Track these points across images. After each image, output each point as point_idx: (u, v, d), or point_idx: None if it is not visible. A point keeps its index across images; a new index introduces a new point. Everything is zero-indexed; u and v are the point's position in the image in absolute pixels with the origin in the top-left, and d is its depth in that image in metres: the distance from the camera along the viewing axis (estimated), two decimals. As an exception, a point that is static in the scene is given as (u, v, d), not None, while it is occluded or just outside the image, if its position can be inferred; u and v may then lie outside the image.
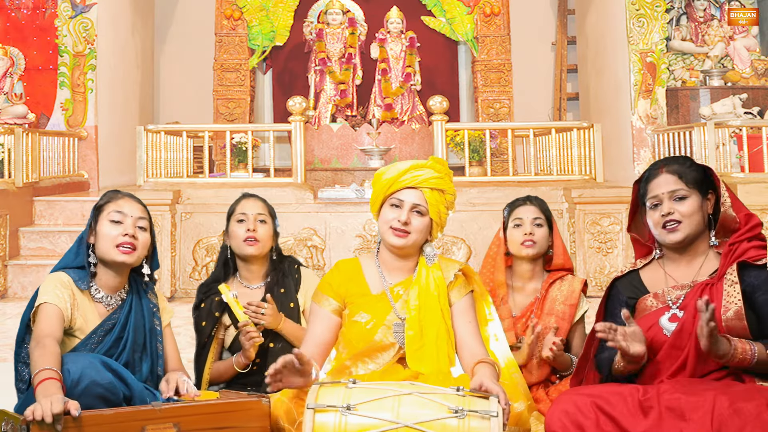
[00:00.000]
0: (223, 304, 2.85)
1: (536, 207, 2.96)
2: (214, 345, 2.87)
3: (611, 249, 6.37)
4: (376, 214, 2.45)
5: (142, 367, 2.43)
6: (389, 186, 2.37)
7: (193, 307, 2.94)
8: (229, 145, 7.26)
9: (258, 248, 2.87)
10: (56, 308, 2.30)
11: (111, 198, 2.48)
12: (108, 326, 2.39)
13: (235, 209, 2.94)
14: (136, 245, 2.41)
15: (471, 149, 7.74)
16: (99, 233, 2.42)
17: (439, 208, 2.38)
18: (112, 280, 2.45)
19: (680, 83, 8.27)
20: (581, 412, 2.10)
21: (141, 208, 2.49)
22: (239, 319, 2.72)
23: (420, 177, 2.36)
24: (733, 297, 2.19)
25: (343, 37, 9.31)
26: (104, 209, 2.45)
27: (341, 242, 6.47)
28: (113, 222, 2.42)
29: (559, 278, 2.94)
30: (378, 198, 2.42)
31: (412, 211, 2.35)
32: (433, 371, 2.28)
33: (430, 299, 2.35)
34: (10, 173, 6.66)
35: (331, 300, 2.42)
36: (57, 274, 2.41)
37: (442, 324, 2.33)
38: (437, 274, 2.39)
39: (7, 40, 8.17)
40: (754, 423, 1.94)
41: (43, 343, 2.17)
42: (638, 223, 2.47)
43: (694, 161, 2.37)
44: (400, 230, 2.34)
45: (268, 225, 2.91)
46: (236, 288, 2.92)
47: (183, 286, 6.49)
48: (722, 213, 2.30)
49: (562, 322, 2.86)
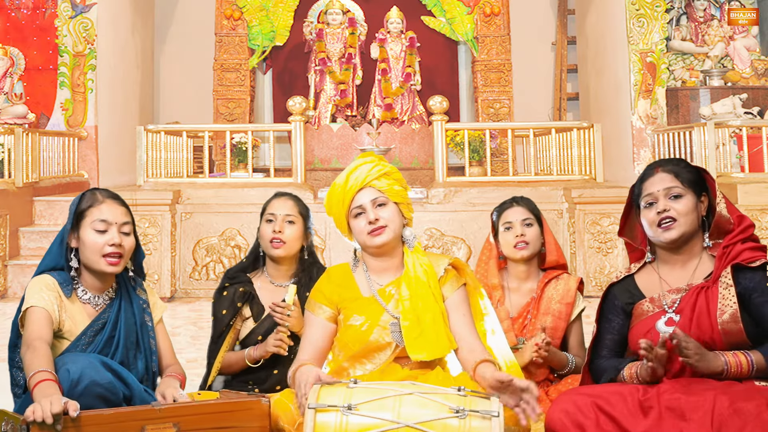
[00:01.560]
0: (246, 296, 2.84)
1: (524, 207, 2.95)
2: (231, 335, 2.85)
3: (611, 249, 6.37)
4: (348, 233, 2.47)
5: (138, 365, 2.41)
6: (343, 200, 2.40)
7: (215, 292, 2.91)
8: (229, 145, 7.26)
9: (284, 250, 2.84)
10: (44, 311, 2.28)
11: (93, 203, 2.40)
12: (98, 326, 2.37)
13: (266, 208, 2.92)
14: (123, 253, 2.38)
15: (471, 149, 7.74)
16: (83, 240, 2.37)
17: (394, 189, 2.41)
18: (98, 282, 2.42)
19: (680, 83, 8.27)
20: (581, 412, 2.10)
21: (124, 211, 2.43)
22: (282, 325, 2.71)
23: (361, 175, 2.40)
24: (729, 300, 2.19)
25: (343, 37, 9.31)
26: (87, 215, 2.38)
27: (341, 242, 6.47)
28: (98, 231, 2.36)
29: (555, 277, 2.94)
30: (342, 218, 2.44)
31: (375, 206, 2.38)
32: (434, 356, 2.28)
33: (420, 286, 2.35)
34: (10, 173, 6.66)
35: (325, 308, 2.42)
36: (42, 276, 2.37)
37: (436, 308, 2.34)
38: (424, 260, 2.40)
39: (7, 40, 8.17)
40: (754, 423, 1.95)
41: (34, 347, 2.16)
42: (631, 227, 2.46)
43: (688, 163, 2.38)
44: (376, 229, 2.36)
45: (297, 225, 2.87)
46: (262, 284, 2.91)
47: (183, 286, 6.49)
48: (717, 213, 2.30)
49: (559, 321, 2.87)
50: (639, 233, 2.43)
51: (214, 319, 2.88)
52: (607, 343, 2.37)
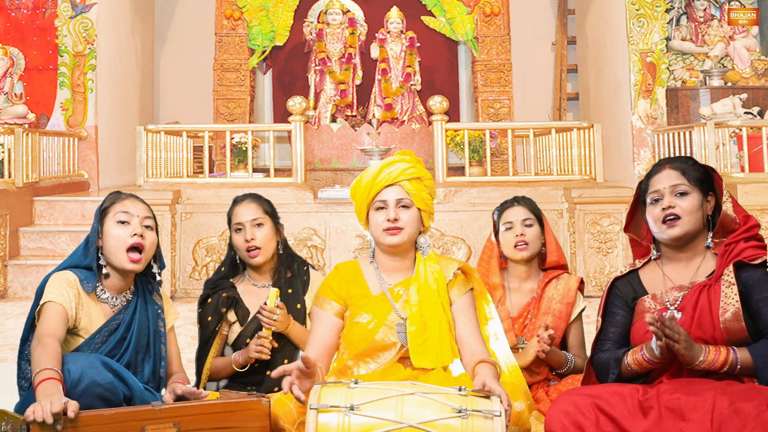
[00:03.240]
0: (230, 301, 2.84)
1: (525, 207, 2.95)
2: (217, 341, 2.85)
3: (611, 249, 6.37)
4: (364, 223, 2.47)
5: (144, 369, 2.42)
6: (369, 190, 2.40)
7: (199, 302, 2.92)
8: (229, 145, 7.26)
9: (262, 256, 2.84)
10: (60, 307, 2.30)
11: (115, 199, 2.47)
12: (112, 327, 2.39)
13: (231, 217, 2.90)
14: (145, 245, 2.41)
15: (471, 149, 7.74)
16: (107, 234, 2.41)
17: (423, 195, 2.41)
18: (119, 282, 2.45)
19: (680, 83, 8.27)
20: (581, 412, 2.10)
21: (146, 207, 2.48)
22: (264, 330, 2.72)
23: (394, 172, 2.39)
24: (731, 298, 2.19)
25: (343, 37, 9.31)
26: (110, 211, 2.44)
27: (341, 242, 6.47)
28: (120, 222, 2.41)
29: (555, 277, 2.94)
30: (362, 207, 2.44)
31: (398, 206, 2.38)
32: (437, 365, 2.28)
33: (430, 294, 2.35)
34: (10, 173, 6.66)
35: (333, 303, 2.42)
36: (63, 272, 2.39)
37: (444, 317, 2.34)
38: (435, 268, 2.40)
39: (7, 40, 8.16)
40: (754, 423, 1.95)
41: (44, 342, 2.17)
42: (637, 223, 2.47)
43: (696, 161, 2.38)
44: (393, 228, 2.36)
45: (266, 226, 2.86)
46: (245, 287, 2.91)
47: (183, 286, 6.49)
48: (723, 212, 2.30)
49: (559, 321, 2.87)
50: (644, 230, 2.43)
51: (200, 327, 2.88)
52: (610, 336, 2.37)
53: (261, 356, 2.69)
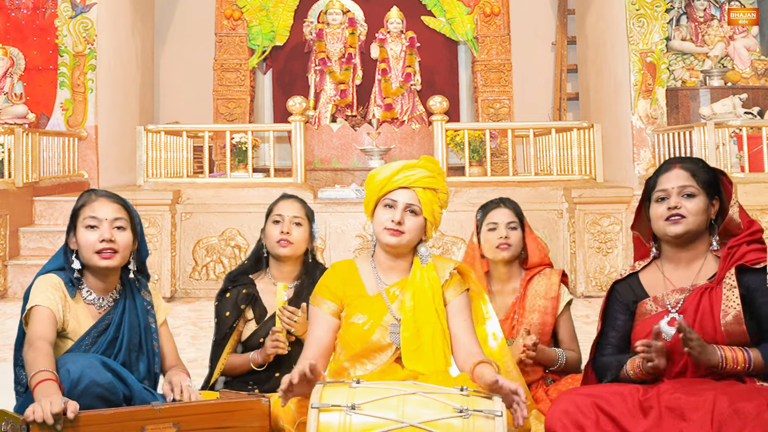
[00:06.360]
0: (249, 298, 2.85)
1: (510, 210, 2.96)
2: (234, 337, 2.85)
3: (611, 249, 6.38)
4: (370, 215, 2.45)
5: (139, 367, 2.41)
6: (382, 186, 2.38)
7: (217, 295, 2.93)
8: (229, 145, 7.26)
9: (290, 250, 2.87)
10: (48, 310, 2.27)
11: (85, 202, 2.41)
12: (101, 328, 2.37)
13: (273, 209, 2.94)
14: (117, 248, 2.36)
15: (471, 149, 7.74)
16: (78, 240, 2.38)
17: (433, 207, 2.38)
18: (101, 282, 2.41)
19: (680, 83, 8.27)
20: (581, 412, 2.10)
21: (117, 207, 2.41)
22: (277, 324, 2.72)
23: (413, 177, 2.36)
24: (732, 301, 2.19)
25: (343, 37, 9.31)
26: (80, 214, 2.39)
27: (341, 242, 6.47)
28: (88, 227, 2.36)
29: (537, 273, 2.95)
30: (372, 199, 2.42)
31: (406, 210, 2.35)
32: (430, 371, 2.27)
33: (424, 299, 2.34)
34: (10, 173, 6.66)
35: (329, 302, 2.41)
36: (47, 275, 2.37)
37: (438, 324, 2.33)
38: (432, 274, 2.39)
39: (7, 40, 8.16)
40: (754, 423, 1.95)
41: (36, 346, 2.15)
42: (643, 222, 2.45)
43: (707, 163, 2.37)
44: (394, 230, 2.35)
45: (303, 227, 2.90)
46: (264, 285, 2.92)
47: (183, 286, 6.49)
48: (728, 217, 2.30)
49: (546, 317, 2.87)
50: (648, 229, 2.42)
51: (217, 321, 2.88)
52: (611, 341, 2.37)
53: (278, 351, 2.70)
